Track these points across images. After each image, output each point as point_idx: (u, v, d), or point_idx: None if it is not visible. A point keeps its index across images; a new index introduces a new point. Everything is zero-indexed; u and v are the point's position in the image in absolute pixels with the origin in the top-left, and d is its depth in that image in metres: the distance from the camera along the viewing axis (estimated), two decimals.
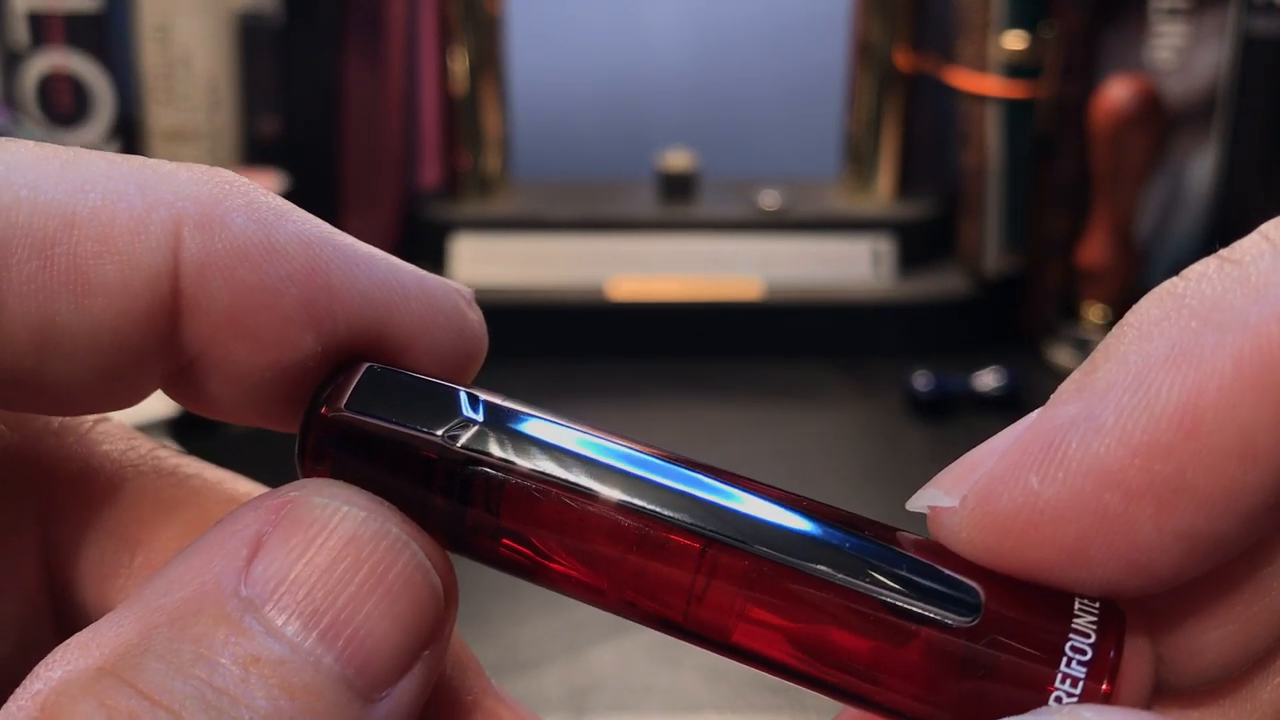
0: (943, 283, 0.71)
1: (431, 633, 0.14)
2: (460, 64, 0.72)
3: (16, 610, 0.16)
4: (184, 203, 0.15)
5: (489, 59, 0.72)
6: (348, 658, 0.14)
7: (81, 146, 0.15)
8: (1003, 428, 0.15)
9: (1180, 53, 0.66)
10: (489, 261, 0.71)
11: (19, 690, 0.13)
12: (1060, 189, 0.69)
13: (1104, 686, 0.14)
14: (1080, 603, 0.14)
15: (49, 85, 0.68)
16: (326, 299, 0.15)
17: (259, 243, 0.15)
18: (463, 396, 0.16)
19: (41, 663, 0.13)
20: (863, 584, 0.15)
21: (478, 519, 0.15)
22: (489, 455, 0.15)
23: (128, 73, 0.69)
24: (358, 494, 0.15)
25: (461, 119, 0.73)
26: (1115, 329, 0.14)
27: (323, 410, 0.16)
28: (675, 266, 0.70)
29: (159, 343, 0.15)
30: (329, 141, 0.72)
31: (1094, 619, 0.14)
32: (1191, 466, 0.13)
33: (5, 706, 0.13)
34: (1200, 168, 0.66)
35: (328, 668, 0.13)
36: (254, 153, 0.71)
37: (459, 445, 0.15)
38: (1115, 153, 0.64)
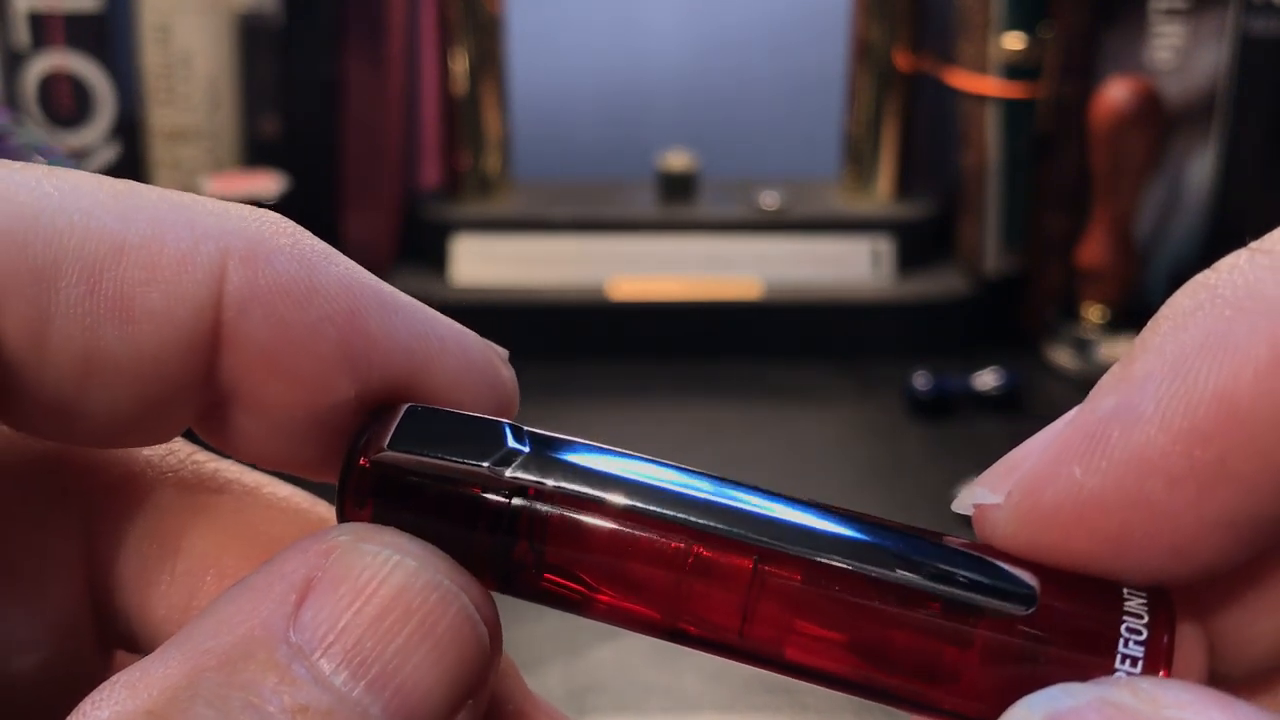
0: (942, 283, 0.71)
1: (476, 682, 0.14)
2: (460, 64, 0.72)
3: (58, 618, 0.16)
4: (231, 238, 0.15)
5: (489, 59, 0.72)
6: (394, 709, 0.13)
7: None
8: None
9: (1179, 53, 0.66)
10: (489, 261, 0.71)
11: None
12: (1060, 189, 0.69)
13: (1160, 672, 0.14)
14: (1128, 591, 0.14)
15: (50, 85, 0.68)
16: (364, 343, 0.16)
17: (301, 282, 0.15)
18: (507, 429, 0.16)
19: (88, 700, 0.13)
20: (918, 580, 0.15)
21: (526, 553, 0.15)
22: (538, 483, 0.15)
23: (128, 73, 0.69)
24: (409, 541, 0.15)
25: (462, 119, 0.73)
26: (1150, 323, 0.15)
27: (365, 451, 0.15)
28: (675, 267, 0.71)
29: (198, 375, 0.15)
30: (329, 141, 0.72)
31: (1145, 604, 0.14)
32: (1231, 451, 0.13)
33: None
34: (1199, 168, 0.66)
35: (375, 718, 0.13)
36: (254, 153, 0.71)
37: (507, 475, 0.15)
38: (1114, 153, 0.64)
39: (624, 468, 0.15)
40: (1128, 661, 0.14)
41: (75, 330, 0.14)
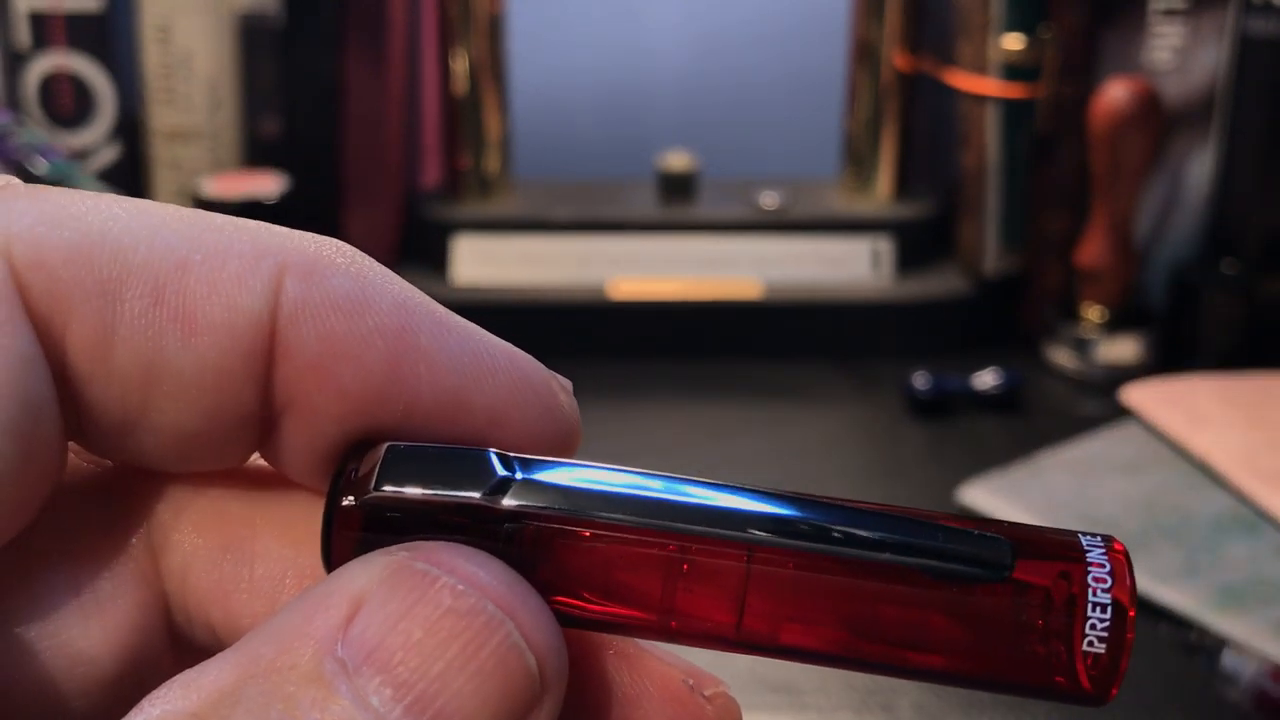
0: (942, 283, 0.71)
1: (524, 715, 0.14)
2: (461, 64, 0.72)
3: (126, 635, 0.16)
4: (290, 255, 0.15)
5: (490, 59, 0.72)
6: None
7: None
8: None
9: (1178, 53, 0.66)
10: (489, 262, 0.71)
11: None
12: (1059, 189, 0.69)
13: (1130, 613, 0.15)
14: (1087, 541, 0.16)
15: (51, 86, 0.68)
16: (413, 358, 0.16)
17: (354, 296, 0.16)
18: (493, 457, 0.16)
19: (149, 696, 0.13)
20: (901, 557, 0.15)
21: (529, 577, 0.15)
22: (535, 509, 0.15)
23: (129, 73, 0.69)
24: (466, 562, 0.15)
25: (462, 119, 0.73)
26: None
27: (350, 490, 0.15)
28: (675, 267, 0.71)
29: (256, 387, 0.16)
30: (330, 142, 0.72)
31: (1103, 552, 0.16)
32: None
33: None
34: (1199, 168, 0.67)
35: None
36: (255, 153, 0.71)
37: (504, 504, 0.15)
38: (1114, 153, 0.64)
39: (613, 481, 0.16)
40: (1098, 609, 0.15)
41: (139, 341, 0.15)
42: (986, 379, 0.63)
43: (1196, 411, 0.59)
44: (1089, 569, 0.15)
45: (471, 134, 0.73)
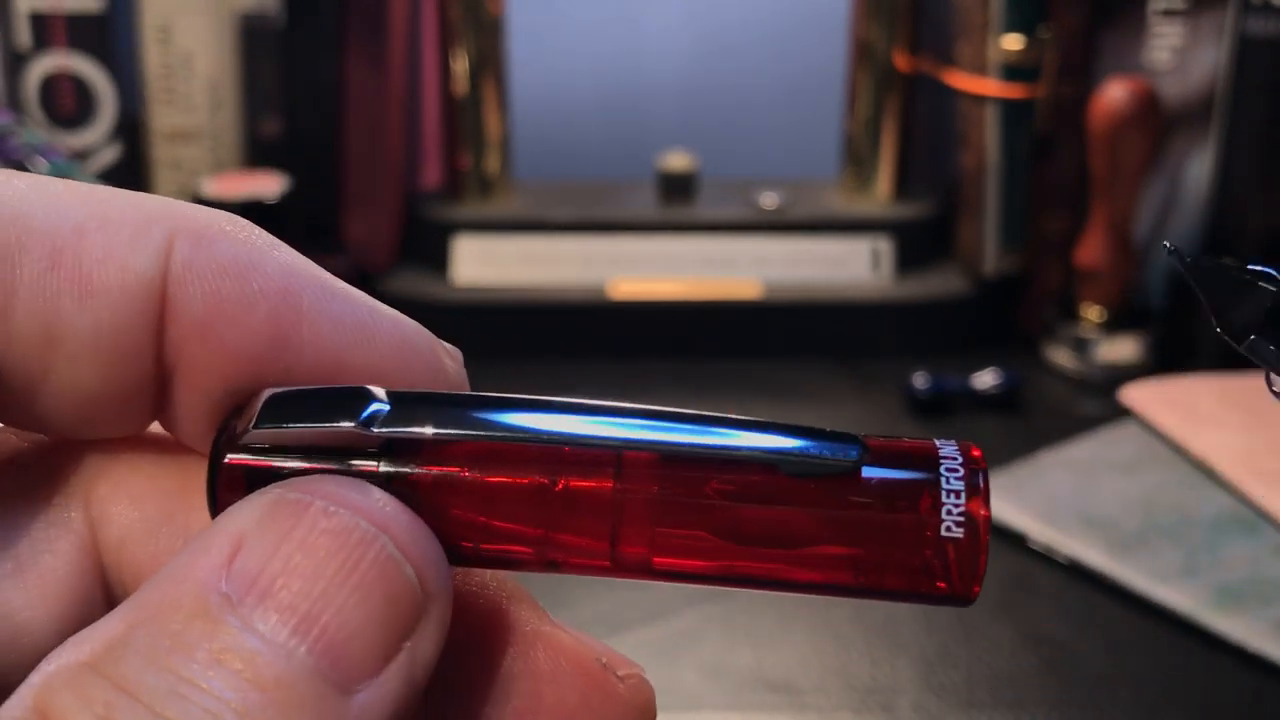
0: (942, 283, 0.71)
1: (409, 624, 0.15)
2: (461, 65, 0.72)
3: (66, 605, 0.17)
4: (180, 221, 0.16)
5: (490, 60, 0.72)
6: (320, 650, 0.14)
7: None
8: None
9: (1178, 53, 0.66)
10: (489, 262, 0.71)
11: (25, 681, 0.14)
12: (1058, 189, 0.69)
13: (984, 509, 0.16)
14: (940, 441, 0.16)
15: (51, 86, 0.68)
16: (295, 319, 0.16)
17: (240, 260, 0.16)
18: (373, 391, 0.16)
19: (47, 656, 0.14)
20: (757, 452, 0.16)
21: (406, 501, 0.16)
22: (407, 432, 0.16)
23: (130, 73, 0.69)
24: (336, 486, 0.15)
25: (462, 120, 0.73)
26: None
27: (230, 436, 0.16)
28: (675, 267, 0.71)
29: (151, 349, 0.16)
30: (330, 142, 0.72)
31: (955, 448, 0.16)
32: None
33: (10, 697, 0.14)
34: (1198, 168, 0.67)
35: (300, 660, 0.14)
36: (255, 153, 0.71)
37: (375, 431, 0.16)
38: (1113, 153, 0.64)
39: (485, 403, 0.16)
40: (951, 495, 0.16)
41: (38, 303, 0.15)
42: (986, 379, 0.63)
43: (1196, 411, 0.59)
44: (944, 468, 0.16)
45: (471, 134, 0.73)
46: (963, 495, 0.16)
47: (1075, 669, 0.45)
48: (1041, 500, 0.53)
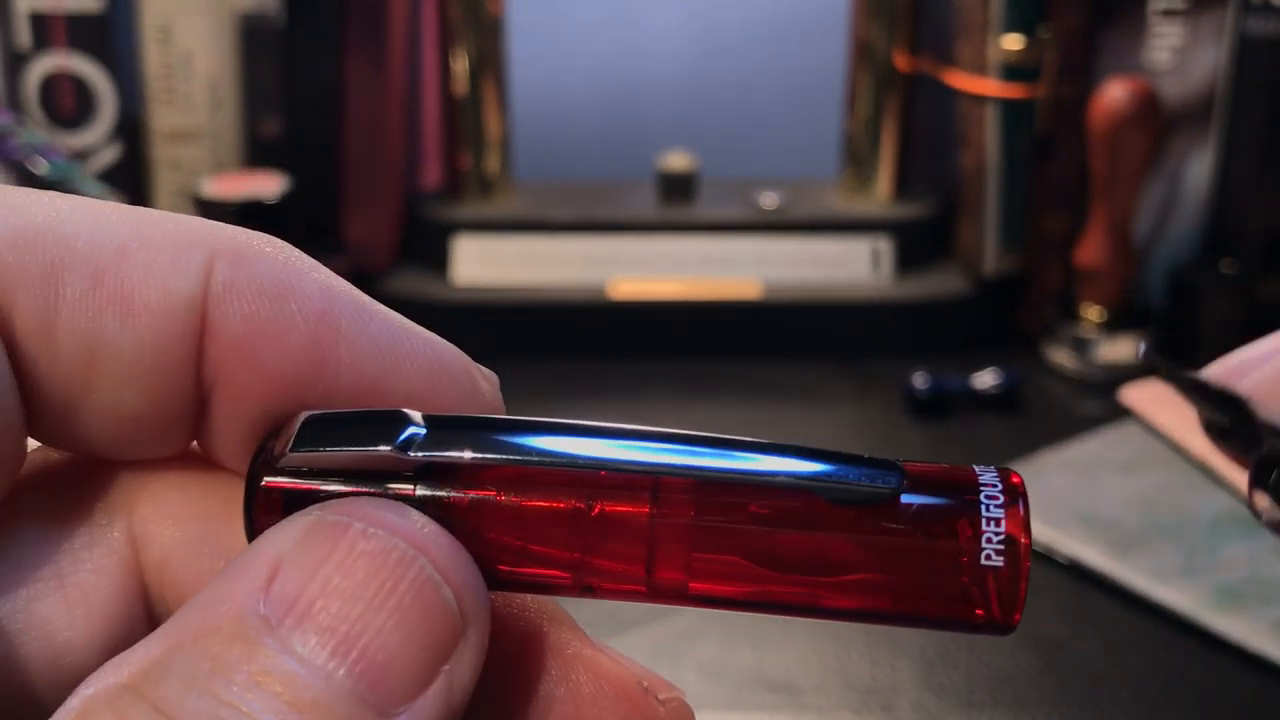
0: (942, 283, 0.71)
1: (448, 647, 0.15)
2: (461, 65, 0.72)
3: (110, 623, 0.17)
4: (221, 242, 0.16)
5: (490, 60, 0.72)
6: (359, 673, 0.14)
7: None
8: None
9: (1178, 53, 0.66)
10: (489, 262, 0.71)
11: (64, 704, 0.14)
12: (1058, 189, 0.69)
13: (1024, 540, 0.16)
14: (979, 468, 0.16)
15: (51, 86, 0.68)
16: (333, 340, 0.16)
17: (279, 280, 0.16)
18: (409, 415, 0.16)
19: (86, 679, 0.14)
20: (795, 480, 0.16)
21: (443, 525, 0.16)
22: (443, 456, 0.16)
23: (130, 74, 0.69)
24: (373, 508, 0.15)
25: (462, 120, 0.73)
26: None
27: (267, 459, 0.16)
28: (675, 267, 0.71)
29: (191, 369, 0.16)
30: (330, 142, 0.72)
31: (995, 475, 0.16)
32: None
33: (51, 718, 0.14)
34: (1198, 168, 0.67)
35: (339, 683, 0.14)
36: (255, 153, 0.71)
37: (411, 455, 0.16)
38: (1113, 153, 0.64)
39: (522, 428, 0.16)
40: (991, 524, 0.15)
41: (80, 322, 0.16)
42: (986, 379, 0.63)
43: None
44: (983, 495, 0.16)
45: (471, 134, 0.73)
46: (1003, 523, 0.15)
47: (1075, 669, 0.45)
48: (1041, 500, 0.53)
